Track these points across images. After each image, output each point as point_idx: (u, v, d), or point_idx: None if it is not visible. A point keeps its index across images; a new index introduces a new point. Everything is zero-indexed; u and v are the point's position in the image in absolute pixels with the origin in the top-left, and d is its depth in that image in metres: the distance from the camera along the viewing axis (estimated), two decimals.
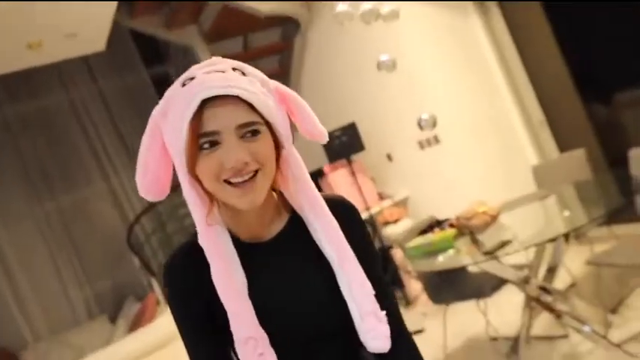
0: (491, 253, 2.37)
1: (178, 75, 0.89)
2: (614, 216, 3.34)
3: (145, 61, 5.97)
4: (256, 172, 0.84)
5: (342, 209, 1.00)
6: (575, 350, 2.68)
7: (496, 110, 4.49)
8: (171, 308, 0.94)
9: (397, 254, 4.35)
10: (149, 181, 0.90)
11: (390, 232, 4.44)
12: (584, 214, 2.78)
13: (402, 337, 1.02)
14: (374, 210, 4.60)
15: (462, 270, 2.89)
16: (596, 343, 2.61)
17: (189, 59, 4.97)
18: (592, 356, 2.57)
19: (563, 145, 4.41)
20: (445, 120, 3.98)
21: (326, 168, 4.72)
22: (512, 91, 4.53)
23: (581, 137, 4.29)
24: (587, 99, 4.27)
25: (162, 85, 5.84)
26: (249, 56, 5.30)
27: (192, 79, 0.83)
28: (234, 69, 0.86)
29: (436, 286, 2.97)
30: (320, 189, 4.16)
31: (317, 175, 4.82)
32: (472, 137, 4.36)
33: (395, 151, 4.80)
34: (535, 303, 2.74)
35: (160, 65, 6.21)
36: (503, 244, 2.39)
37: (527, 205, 3.24)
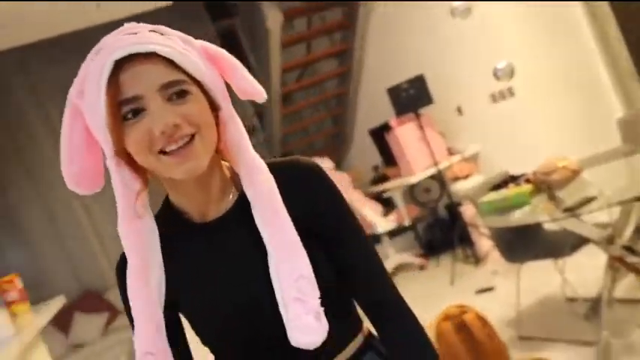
0: (572, 210, 2.26)
1: (245, 30, 0.82)
2: None
3: (210, 15, 5.96)
4: (193, 136, 0.75)
5: (296, 174, 0.87)
6: None
7: (579, 60, 4.21)
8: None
9: (467, 211, 4.30)
10: (75, 172, 0.81)
11: (460, 188, 4.35)
12: None
13: (395, 318, 0.90)
14: (442, 165, 4.53)
15: (538, 227, 2.82)
16: None
17: (255, 13, 4.90)
18: None
19: None
20: (522, 71, 3.85)
21: (393, 122, 4.66)
22: (598, 39, 4.18)
23: None
24: None
25: (228, 39, 5.87)
26: (314, 34, 5.35)
27: (103, 50, 0.74)
28: (150, 31, 0.77)
29: (509, 243, 2.90)
30: (386, 144, 4.07)
31: (383, 130, 4.75)
32: (551, 89, 4.14)
33: (466, 105, 4.66)
34: (618, 264, 2.60)
35: (227, 19, 6.19)
36: (586, 201, 2.27)
37: (611, 161, 3.04)
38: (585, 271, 3.06)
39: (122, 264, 0.88)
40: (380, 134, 4.89)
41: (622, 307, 2.72)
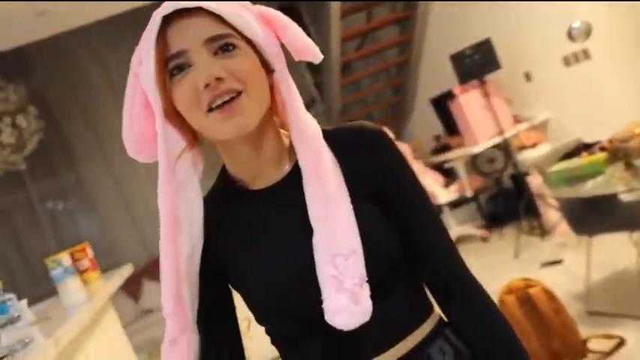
0: None
1: (307, 8, 0.80)
2: None
3: None
4: (239, 93, 0.73)
5: (361, 139, 0.83)
6: None
7: None
8: None
9: (533, 181, 4.19)
10: (135, 139, 0.81)
11: (527, 157, 4.26)
12: None
13: (468, 296, 0.84)
14: (508, 134, 4.44)
15: (613, 198, 2.71)
16: None
17: None
18: None
19: None
20: (599, 31, 3.65)
21: (456, 90, 4.59)
22: None
23: None
24: None
25: (289, 9, 5.82)
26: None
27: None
28: None
29: (580, 215, 2.82)
30: (449, 113, 4.00)
31: (446, 98, 4.68)
32: (630, 51, 3.94)
33: (535, 69, 4.53)
34: None
35: None
36: None
37: None
38: None
39: None
40: (442, 103, 4.83)
41: None
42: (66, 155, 5.27)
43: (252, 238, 0.83)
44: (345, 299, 0.71)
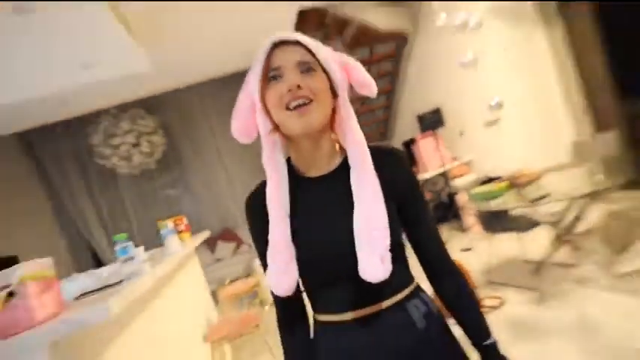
0: (533, 202, 2.25)
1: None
2: (630, 185, 2.99)
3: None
4: (311, 101, 0.70)
5: (388, 156, 0.78)
6: (583, 276, 2.48)
7: (544, 97, 4.03)
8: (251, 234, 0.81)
9: (460, 198, 4.19)
10: (237, 127, 0.76)
11: (458, 183, 4.27)
12: (607, 181, 2.47)
13: (449, 274, 0.79)
14: (448, 167, 4.42)
15: (507, 211, 2.75)
16: (600, 272, 2.41)
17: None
18: (594, 282, 2.38)
19: (598, 128, 3.89)
20: (509, 106, 3.74)
21: (418, 137, 4.57)
22: (560, 81, 4.02)
23: (611, 123, 3.78)
24: (621, 95, 3.73)
25: None
26: (373, 60, 5.15)
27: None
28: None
29: (488, 220, 2.83)
30: (412, 150, 3.99)
31: (412, 141, 4.67)
32: (522, 118, 3.99)
33: (466, 128, 4.51)
34: (560, 239, 2.58)
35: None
36: (541, 197, 2.25)
37: (565, 170, 2.97)
38: (538, 243, 2.97)
39: (249, 201, 0.80)
40: (409, 144, 4.75)
41: (558, 268, 2.67)
42: (177, 162, 5.32)
43: (307, 211, 0.75)
44: (377, 259, 0.67)
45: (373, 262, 0.67)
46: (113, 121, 4.59)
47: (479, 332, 0.78)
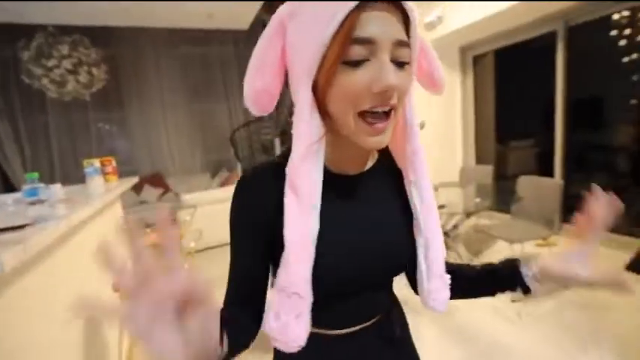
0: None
1: None
2: (493, 207, 3.66)
3: None
4: (391, 109, 0.51)
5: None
6: None
7: (450, 130, 4.58)
8: (230, 215, 0.59)
9: None
10: (258, 89, 0.54)
11: None
12: (479, 203, 2.90)
13: (459, 269, 0.71)
14: None
15: None
16: None
17: None
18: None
19: (478, 161, 4.55)
20: (428, 126, 4.13)
21: None
22: (463, 125, 4.60)
23: (489, 158, 4.48)
24: (498, 139, 4.52)
25: None
26: None
27: None
28: None
29: None
30: None
31: None
32: (436, 140, 4.43)
33: None
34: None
35: None
36: (441, 207, 2.59)
37: (450, 189, 3.42)
38: None
39: (249, 179, 0.58)
40: None
41: None
42: (116, 100, 5.05)
43: (337, 211, 0.59)
44: (447, 294, 0.59)
45: (444, 296, 0.61)
46: (51, 40, 4.14)
47: (500, 264, 0.68)
